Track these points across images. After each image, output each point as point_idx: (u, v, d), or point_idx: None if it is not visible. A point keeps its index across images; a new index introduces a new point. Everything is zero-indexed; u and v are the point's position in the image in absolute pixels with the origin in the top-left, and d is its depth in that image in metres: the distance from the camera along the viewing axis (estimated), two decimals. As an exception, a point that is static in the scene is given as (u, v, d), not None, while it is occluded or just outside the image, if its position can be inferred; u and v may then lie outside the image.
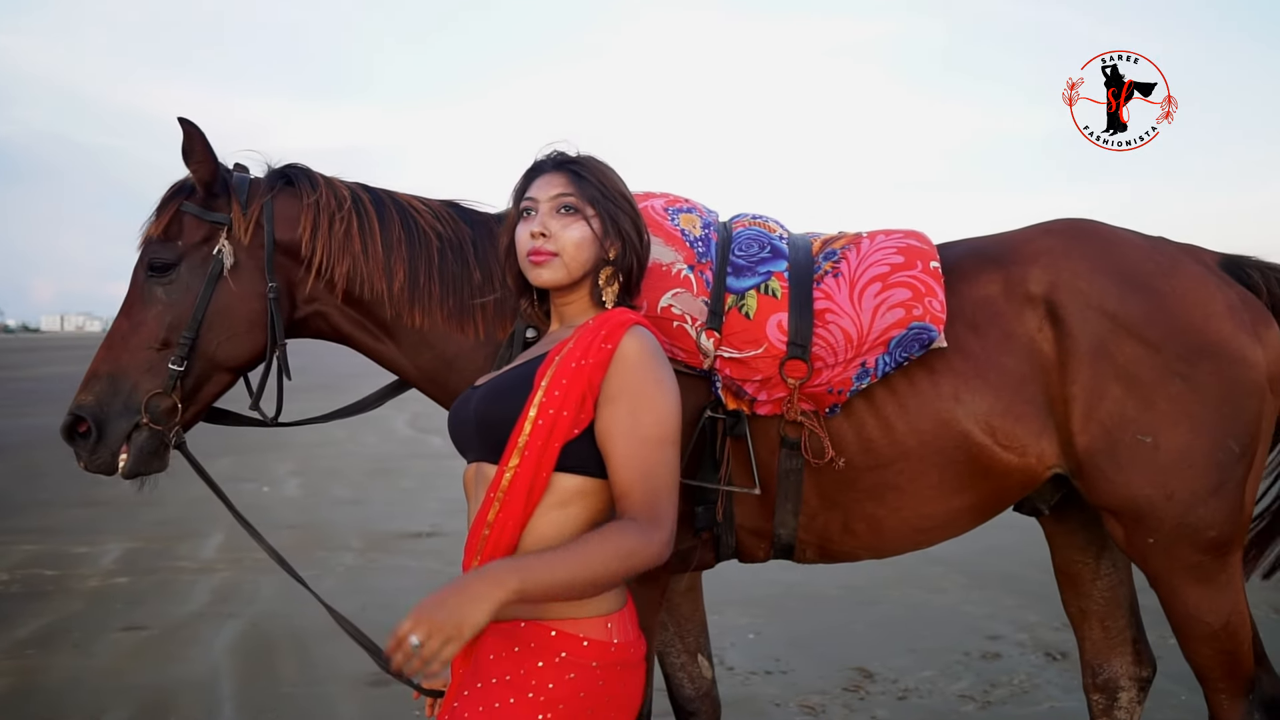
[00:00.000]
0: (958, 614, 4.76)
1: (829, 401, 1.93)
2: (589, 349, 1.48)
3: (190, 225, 1.91)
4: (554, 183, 1.60)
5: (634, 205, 1.65)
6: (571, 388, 1.46)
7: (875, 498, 2.00)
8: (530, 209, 1.60)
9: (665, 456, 1.45)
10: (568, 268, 1.57)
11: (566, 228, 1.57)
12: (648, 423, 1.45)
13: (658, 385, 1.47)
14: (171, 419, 1.89)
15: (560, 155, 1.65)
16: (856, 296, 1.92)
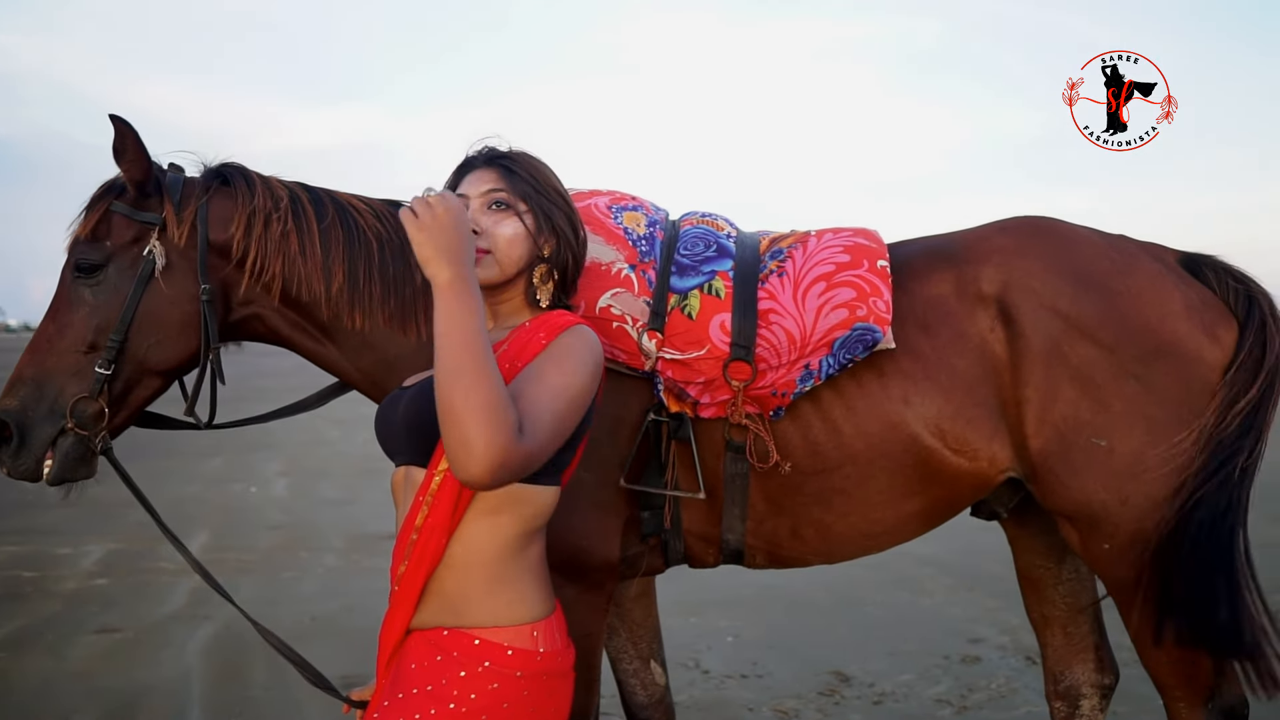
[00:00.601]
0: (940, 616, 4.72)
1: (773, 404, 1.89)
2: (524, 349, 1.44)
3: (119, 225, 1.86)
4: (485, 178, 1.56)
5: (569, 201, 1.61)
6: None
7: (823, 503, 1.96)
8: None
9: (555, 403, 1.36)
10: (500, 265, 1.53)
11: (498, 224, 1.53)
12: (550, 374, 1.39)
13: (576, 361, 1.41)
14: (98, 424, 1.83)
15: (491, 150, 1.61)
16: (800, 296, 1.88)
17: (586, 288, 1.83)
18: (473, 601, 1.44)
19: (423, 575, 1.43)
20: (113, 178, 1.89)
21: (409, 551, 1.43)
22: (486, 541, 1.44)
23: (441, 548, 1.42)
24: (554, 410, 1.36)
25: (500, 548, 1.45)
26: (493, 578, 1.45)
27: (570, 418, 1.40)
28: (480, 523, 1.44)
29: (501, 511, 1.45)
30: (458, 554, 1.43)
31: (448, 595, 1.44)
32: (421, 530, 1.42)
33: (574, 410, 1.40)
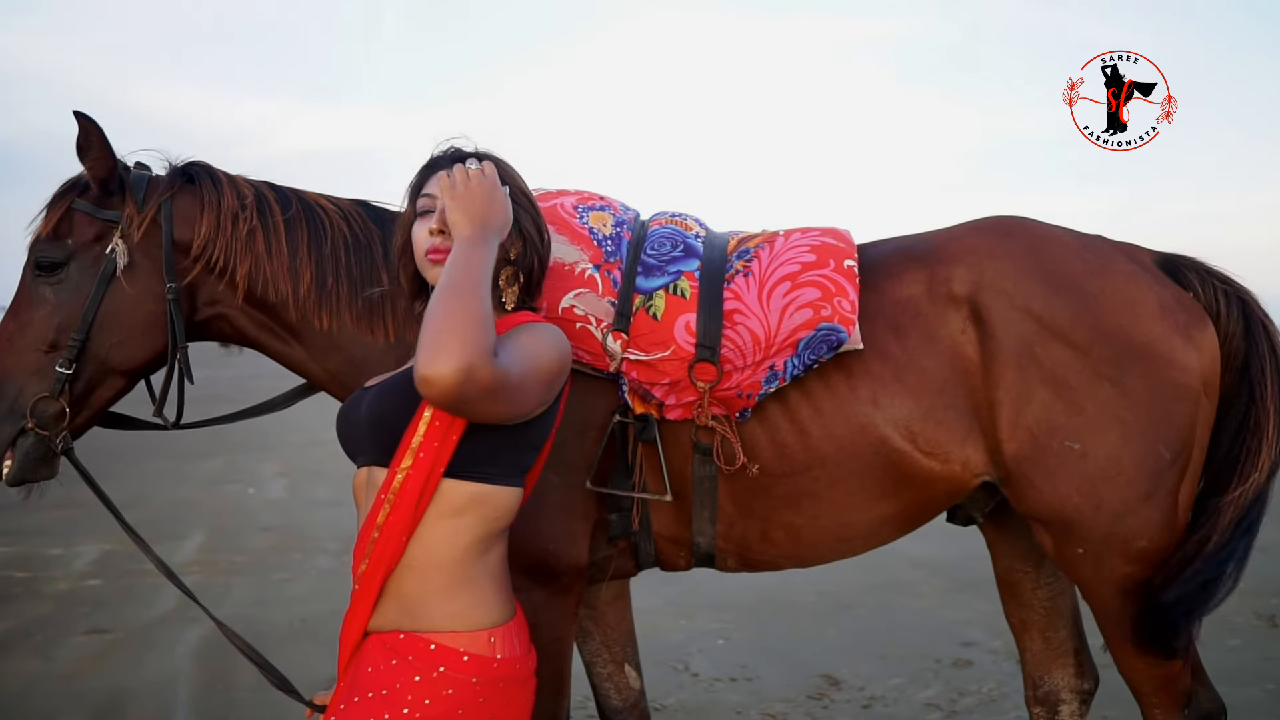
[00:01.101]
0: (933, 620, 4.68)
1: (739, 405, 1.87)
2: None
3: (81, 223, 1.85)
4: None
5: (534, 203, 1.61)
6: None
7: (792, 505, 1.93)
8: (428, 207, 1.55)
9: (531, 357, 1.40)
10: None
11: None
12: (526, 340, 1.42)
13: (547, 340, 1.45)
14: (59, 424, 1.82)
15: (457, 151, 1.61)
16: (765, 296, 1.86)
17: (549, 289, 1.81)
18: (430, 604, 1.43)
19: (381, 574, 1.42)
20: (76, 175, 1.88)
21: (369, 550, 1.42)
22: (447, 543, 1.43)
23: (401, 547, 1.41)
24: (526, 362, 1.38)
25: (461, 550, 1.44)
26: (451, 581, 1.44)
27: (538, 384, 1.41)
28: (441, 524, 1.43)
29: (463, 513, 1.44)
30: (417, 555, 1.42)
31: (406, 597, 1.43)
32: (383, 529, 1.41)
33: (543, 379, 1.42)
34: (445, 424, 1.40)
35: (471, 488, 1.43)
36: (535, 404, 1.43)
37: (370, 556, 1.42)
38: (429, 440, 1.40)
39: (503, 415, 1.39)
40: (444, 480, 1.42)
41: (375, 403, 1.50)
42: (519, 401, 1.39)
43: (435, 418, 1.40)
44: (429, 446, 1.40)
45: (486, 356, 1.28)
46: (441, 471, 1.40)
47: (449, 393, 1.27)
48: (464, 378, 1.26)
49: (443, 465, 1.40)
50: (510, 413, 1.40)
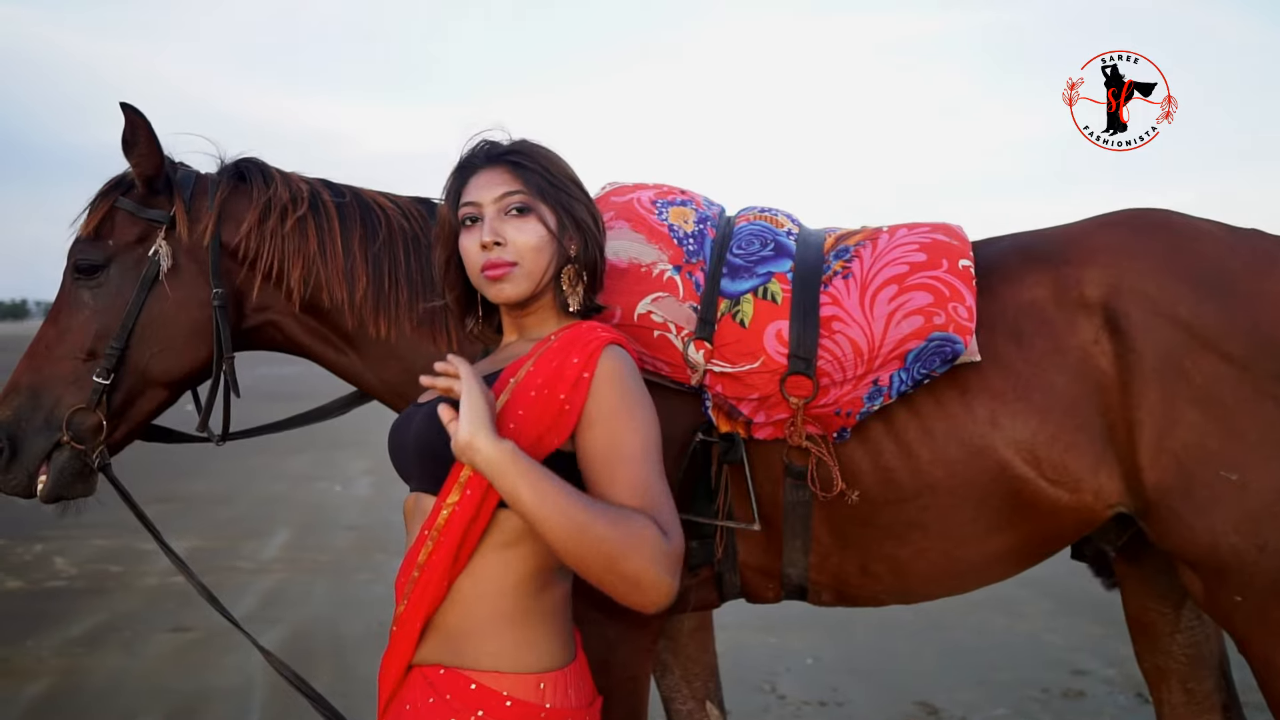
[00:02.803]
0: (1039, 644, 4.37)
1: (838, 425, 1.66)
2: (560, 376, 1.29)
3: (123, 223, 1.74)
4: (496, 180, 1.40)
5: (584, 189, 1.45)
6: (529, 418, 1.27)
7: (897, 537, 1.71)
8: (474, 215, 1.40)
9: (655, 470, 1.28)
10: (530, 277, 1.38)
11: (521, 230, 1.37)
12: (632, 440, 1.27)
13: (639, 406, 1.30)
14: (96, 438, 1.71)
15: (492, 146, 1.44)
16: (868, 301, 1.64)
17: (624, 291, 1.63)
18: (474, 639, 1.28)
19: (421, 616, 1.29)
20: (121, 173, 1.77)
21: (410, 589, 1.28)
22: (496, 576, 1.29)
23: (443, 591, 1.28)
24: (663, 479, 1.29)
25: (511, 585, 1.29)
26: (499, 615, 1.29)
27: (663, 474, 1.31)
28: (491, 555, 1.29)
29: (516, 545, 1.29)
30: (464, 586, 1.29)
31: (449, 630, 1.29)
32: (424, 568, 1.27)
33: (662, 466, 1.31)
34: None
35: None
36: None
37: (410, 597, 1.28)
38: (478, 476, 1.24)
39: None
40: (498, 510, 1.27)
41: (423, 428, 1.36)
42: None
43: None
44: (478, 482, 1.25)
45: (664, 553, 1.20)
46: (494, 505, 1.26)
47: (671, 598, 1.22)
48: (672, 587, 1.21)
49: (495, 498, 1.25)
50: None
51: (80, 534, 6.19)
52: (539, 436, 1.27)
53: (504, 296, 1.38)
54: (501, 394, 1.30)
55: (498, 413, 1.27)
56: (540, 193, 1.38)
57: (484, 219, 1.37)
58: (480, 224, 1.38)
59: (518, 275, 1.36)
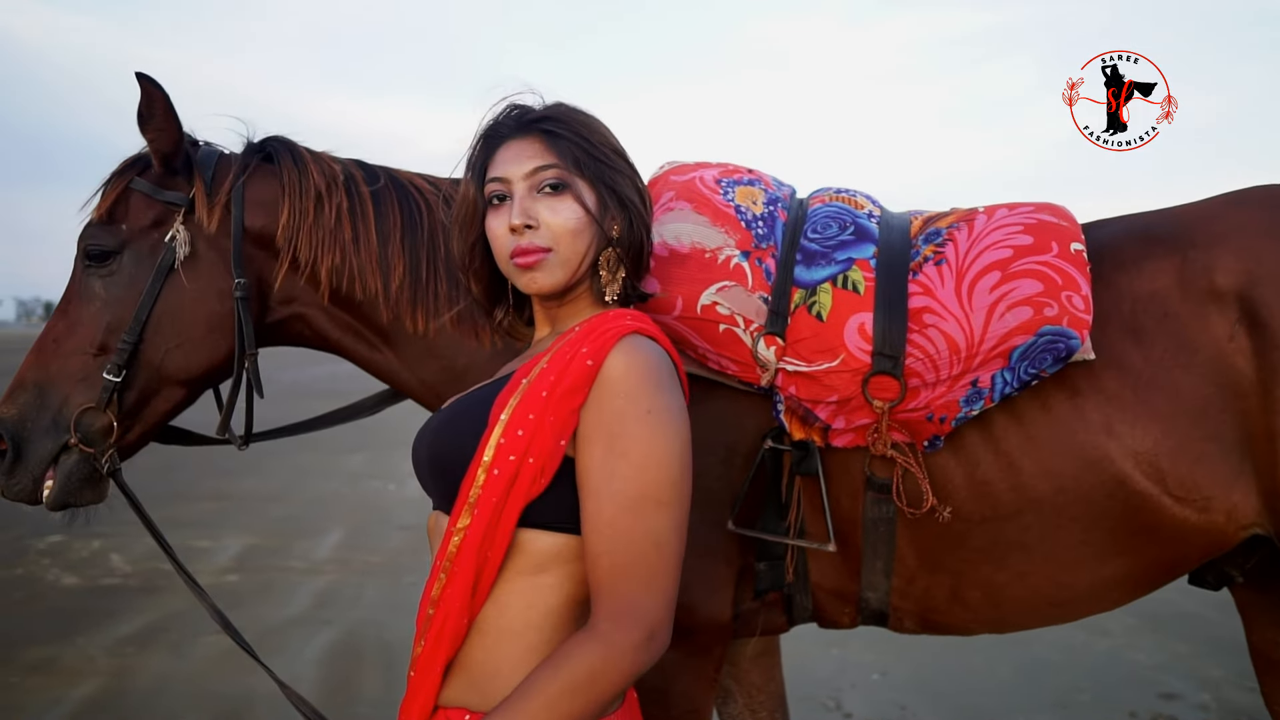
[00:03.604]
0: (1123, 662, 4.10)
1: (930, 432, 1.46)
2: (566, 368, 1.10)
3: (138, 205, 1.60)
4: (526, 151, 1.21)
5: (629, 159, 1.26)
6: (541, 424, 1.09)
7: (994, 559, 1.51)
8: (501, 193, 1.22)
9: (647, 523, 1.05)
10: (567, 264, 1.20)
11: (556, 211, 1.19)
12: (624, 474, 1.06)
13: (647, 421, 1.07)
14: (106, 440, 1.58)
15: (522, 112, 1.25)
16: (966, 291, 1.44)
17: (686, 280, 1.46)
18: (503, 680, 1.11)
19: (441, 658, 1.12)
20: (138, 152, 1.64)
21: (426, 628, 1.11)
22: (524, 606, 1.12)
23: (463, 627, 1.10)
24: (659, 528, 1.07)
25: (542, 616, 1.12)
26: (530, 652, 1.12)
27: (667, 527, 1.08)
28: (518, 582, 1.12)
29: (545, 571, 1.12)
30: (489, 618, 1.11)
31: (474, 668, 1.12)
32: (439, 604, 1.10)
33: (673, 515, 1.09)
34: (508, 475, 1.08)
35: (556, 540, 1.12)
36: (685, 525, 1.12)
37: (426, 637, 1.12)
38: (488, 494, 1.08)
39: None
40: (521, 531, 1.11)
41: (434, 439, 1.20)
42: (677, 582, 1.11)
43: (496, 464, 1.08)
44: (489, 500, 1.08)
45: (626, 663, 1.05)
46: (511, 526, 1.09)
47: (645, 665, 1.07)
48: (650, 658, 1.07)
49: (512, 519, 1.09)
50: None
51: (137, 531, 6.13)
52: (554, 445, 1.09)
53: (536, 287, 1.20)
54: (511, 397, 1.13)
55: (506, 420, 1.10)
56: (578, 166, 1.20)
57: (513, 197, 1.20)
58: (509, 203, 1.20)
59: (552, 263, 1.19)
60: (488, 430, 1.11)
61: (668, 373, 1.13)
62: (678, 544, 1.07)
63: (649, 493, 1.06)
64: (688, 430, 1.11)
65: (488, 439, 1.10)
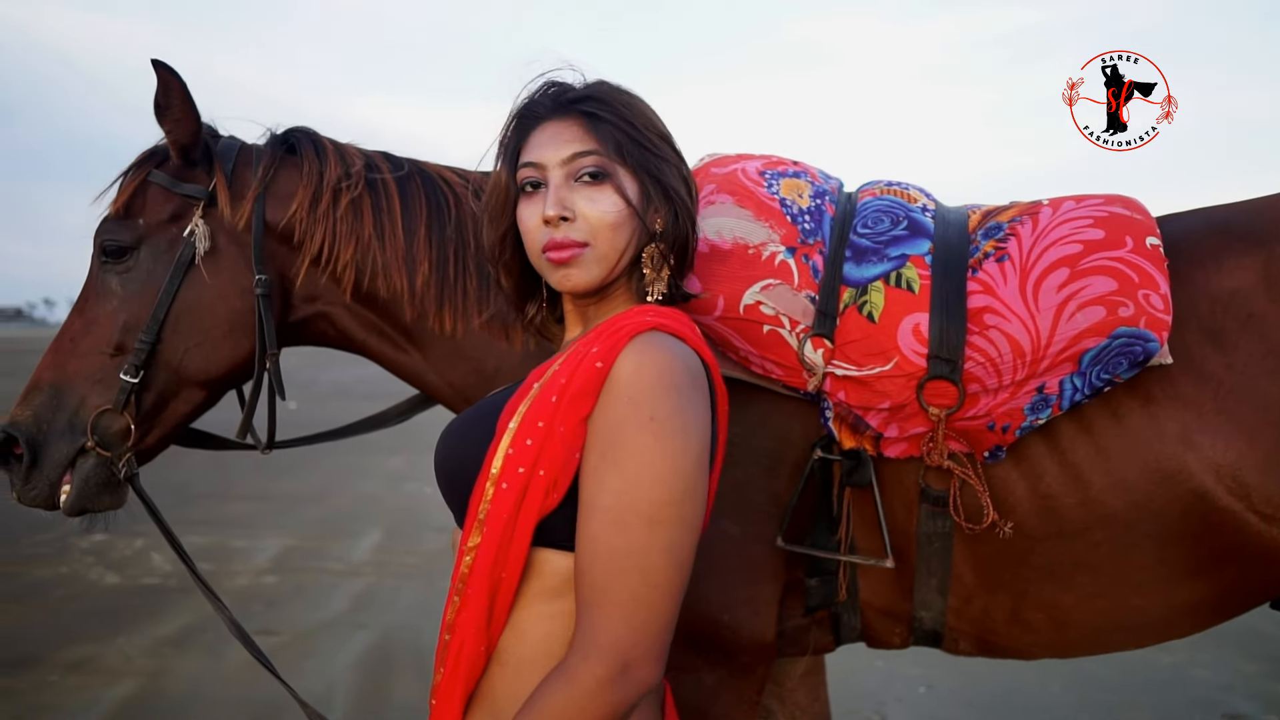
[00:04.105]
0: (1184, 680, 3.92)
1: (991, 441, 1.36)
2: (575, 371, 1.02)
3: (156, 199, 1.54)
4: (564, 134, 1.12)
5: (676, 146, 1.16)
6: (552, 432, 1.00)
7: (1059, 579, 1.40)
8: (534, 180, 1.13)
9: (632, 542, 0.95)
10: (604, 261, 1.11)
11: (594, 202, 1.10)
12: (613, 486, 0.96)
13: (648, 429, 0.97)
14: (124, 443, 1.52)
15: (560, 90, 1.15)
16: (1032, 290, 1.33)
17: (728, 278, 1.37)
18: None
19: (460, 687, 1.04)
20: (155, 144, 1.58)
21: (443, 653, 1.04)
22: (544, 635, 1.04)
23: (480, 654, 1.02)
24: (653, 554, 0.96)
25: (563, 645, 1.04)
26: None
27: (662, 549, 0.97)
28: (537, 607, 1.04)
29: (565, 594, 1.03)
30: (509, 645, 1.04)
31: (496, 699, 1.04)
32: (454, 630, 1.03)
33: (671, 535, 0.97)
34: (518, 489, 1.00)
35: (572, 561, 1.03)
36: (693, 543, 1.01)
37: (444, 664, 1.04)
38: (500, 508, 1.00)
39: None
40: (537, 550, 1.02)
41: (445, 448, 1.13)
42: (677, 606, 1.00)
43: (505, 477, 1.00)
44: (499, 517, 1.00)
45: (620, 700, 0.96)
46: (525, 545, 1.01)
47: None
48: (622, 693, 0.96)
49: (525, 537, 1.01)
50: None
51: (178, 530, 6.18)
52: (566, 456, 1.00)
53: (570, 284, 1.11)
54: (521, 403, 1.04)
55: (515, 428, 1.01)
56: (620, 153, 1.11)
57: (548, 185, 1.11)
58: (543, 192, 1.12)
59: (588, 259, 1.10)
60: (495, 440, 1.03)
61: (688, 375, 1.02)
62: (670, 570, 0.96)
63: (640, 509, 0.95)
64: (703, 442, 1.00)
65: (495, 449, 1.02)
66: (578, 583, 0.97)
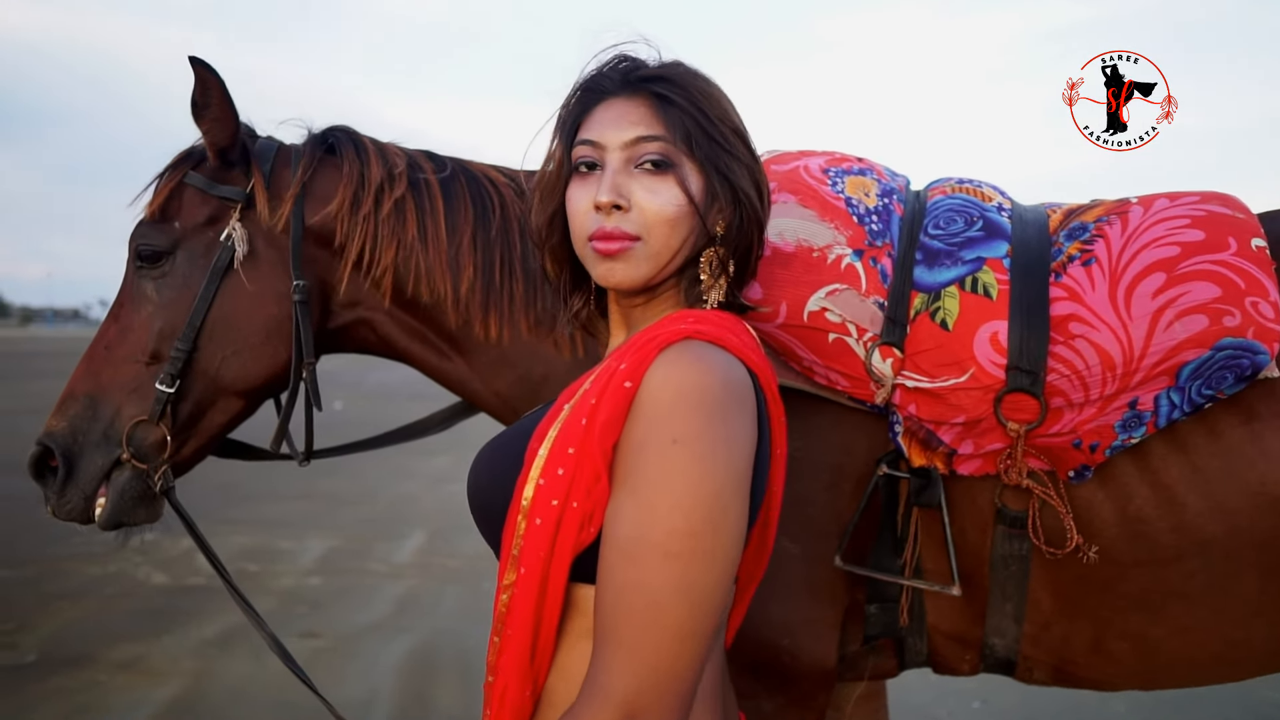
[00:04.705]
0: (1250, 699, 3.75)
1: (1076, 461, 1.26)
2: (604, 392, 0.92)
3: (192, 201, 1.50)
4: (630, 114, 1.02)
5: (750, 143, 1.06)
6: (583, 460, 0.90)
7: (1148, 609, 1.30)
8: (590, 160, 1.03)
9: (643, 576, 0.86)
10: (655, 259, 1.01)
11: (653, 192, 1.00)
12: (629, 514, 0.87)
13: (669, 453, 0.87)
14: (160, 455, 1.48)
15: (634, 66, 1.05)
16: (1123, 296, 1.23)
17: (791, 283, 1.28)
18: None
19: None
20: (192, 144, 1.53)
21: (488, 695, 0.96)
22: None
23: (525, 700, 0.95)
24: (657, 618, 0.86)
25: None
26: None
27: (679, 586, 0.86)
28: (581, 648, 0.95)
29: None
30: (556, 689, 0.95)
31: None
32: (497, 672, 0.95)
33: (691, 570, 0.86)
34: (551, 522, 0.90)
35: None
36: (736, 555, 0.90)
37: (491, 707, 0.97)
38: (535, 544, 0.91)
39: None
40: (576, 586, 0.94)
41: (474, 476, 1.04)
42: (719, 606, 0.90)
43: (538, 512, 0.91)
44: (534, 554, 0.91)
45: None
46: (563, 581, 0.92)
47: None
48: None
49: (563, 573, 0.92)
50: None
51: (225, 530, 6.29)
52: (599, 489, 0.90)
53: (615, 280, 1.02)
54: (551, 427, 0.94)
55: (545, 456, 0.92)
56: (688, 142, 1.01)
57: (604, 168, 1.01)
58: (598, 174, 1.02)
59: (638, 255, 1.00)
60: (524, 468, 0.94)
61: (724, 389, 0.91)
62: (682, 610, 0.85)
63: (654, 540, 0.85)
64: (739, 465, 0.89)
65: (525, 480, 0.93)
66: (594, 618, 0.89)
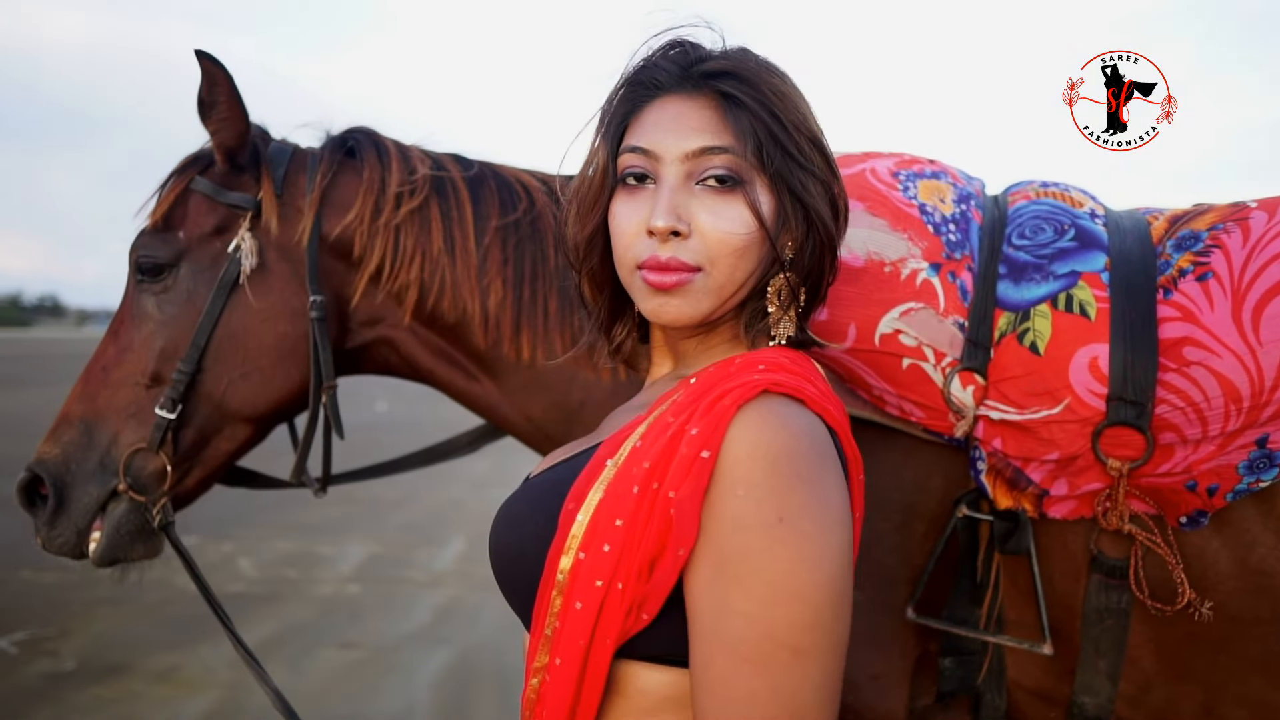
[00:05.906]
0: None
1: (1190, 505, 1.10)
2: (664, 454, 0.77)
3: (198, 209, 1.37)
4: (690, 118, 0.86)
5: (827, 153, 0.88)
6: (633, 535, 0.76)
7: (1272, 673, 1.14)
8: (640, 170, 0.86)
9: (777, 681, 0.72)
10: (718, 293, 0.85)
11: (719, 216, 0.84)
12: (742, 608, 0.72)
13: (776, 533, 0.73)
14: (159, 486, 1.36)
15: (695, 56, 0.88)
16: (1249, 317, 1.07)
17: (860, 301, 1.14)
18: None
19: None
20: (200, 148, 1.42)
21: None
22: None
23: None
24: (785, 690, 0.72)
25: None
26: None
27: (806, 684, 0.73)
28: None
29: (659, 713, 0.80)
30: None
31: None
32: None
33: (817, 666, 0.73)
34: (593, 606, 0.76)
35: (669, 678, 0.80)
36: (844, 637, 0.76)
37: None
38: (572, 629, 0.77)
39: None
40: (621, 663, 0.79)
41: (495, 534, 0.89)
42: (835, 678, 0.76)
43: (579, 588, 0.77)
44: (571, 640, 0.77)
45: None
46: (605, 667, 0.78)
47: None
48: None
49: (604, 659, 0.77)
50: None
51: (267, 535, 6.27)
52: (648, 564, 0.75)
53: (668, 317, 0.85)
54: (591, 489, 0.80)
55: (586, 524, 0.77)
56: (759, 155, 0.84)
57: (660, 183, 0.85)
58: (650, 189, 0.86)
59: (698, 289, 0.84)
60: (557, 538, 0.79)
61: (815, 453, 0.77)
62: (823, 709, 0.72)
63: (780, 638, 0.72)
64: (846, 535, 0.76)
65: (560, 549, 0.78)
66: None
